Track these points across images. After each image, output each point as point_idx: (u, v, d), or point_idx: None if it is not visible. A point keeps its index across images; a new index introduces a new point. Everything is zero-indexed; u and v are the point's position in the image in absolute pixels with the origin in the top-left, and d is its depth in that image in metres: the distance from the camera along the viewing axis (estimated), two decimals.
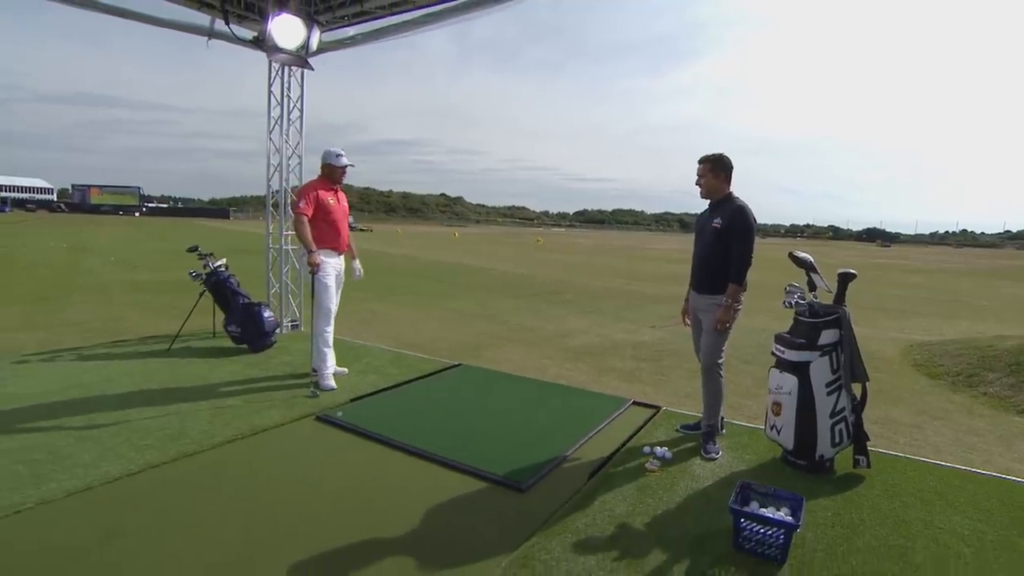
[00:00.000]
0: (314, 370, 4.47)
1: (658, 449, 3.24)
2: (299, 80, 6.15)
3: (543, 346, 7.44)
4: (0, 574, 2.08)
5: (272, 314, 5.53)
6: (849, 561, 2.28)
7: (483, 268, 19.54)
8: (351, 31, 5.51)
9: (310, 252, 4.16)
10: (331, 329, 4.42)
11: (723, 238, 3.22)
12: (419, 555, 2.27)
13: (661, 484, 2.93)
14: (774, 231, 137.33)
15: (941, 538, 2.49)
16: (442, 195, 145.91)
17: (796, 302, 3.12)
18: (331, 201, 4.38)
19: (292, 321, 6.45)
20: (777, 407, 3.07)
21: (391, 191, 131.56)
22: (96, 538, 2.30)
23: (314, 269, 4.16)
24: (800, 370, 2.97)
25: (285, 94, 6.01)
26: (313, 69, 5.46)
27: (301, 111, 6.20)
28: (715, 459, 3.22)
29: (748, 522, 2.29)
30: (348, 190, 5.21)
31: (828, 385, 2.96)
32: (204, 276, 5.51)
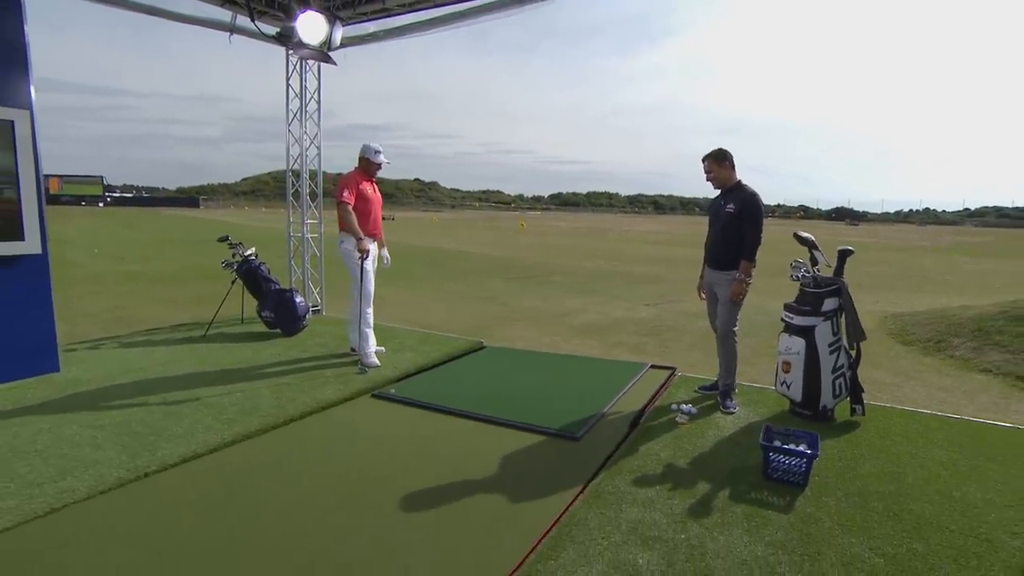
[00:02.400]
0: (352, 349, 4.80)
1: (684, 406, 3.73)
2: (316, 73, 6.38)
3: (548, 324, 7.89)
4: (153, 525, 2.43)
5: (303, 299, 5.83)
6: (855, 483, 2.81)
7: (469, 252, 19.86)
8: (371, 27, 5.75)
9: (359, 239, 4.47)
10: (371, 311, 4.76)
11: (736, 222, 3.69)
12: (505, 492, 2.70)
13: (692, 433, 3.42)
14: None
15: (925, 465, 3.04)
16: (416, 180, 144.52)
17: (802, 275, 3.62)
18: (369, 191, 4.70)
19: (314, 307, 6.74)
20: (787, 365, 3.58)
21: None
22: (222, 495, 2.66)
23: (364, 255, 4.47)
24: (807, 333, 3.47)
25: (292, 88, 6.23)
26: (336, 64, 5.70)
27: (319, 103, 6.44)
28: (733, 413, 3.73)
29: (776, 455, 2.78)
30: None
31: (830, 345, 3.48)
32: (236, 264, 5.76)
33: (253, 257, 5.82)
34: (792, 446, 2.86)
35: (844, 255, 3.62)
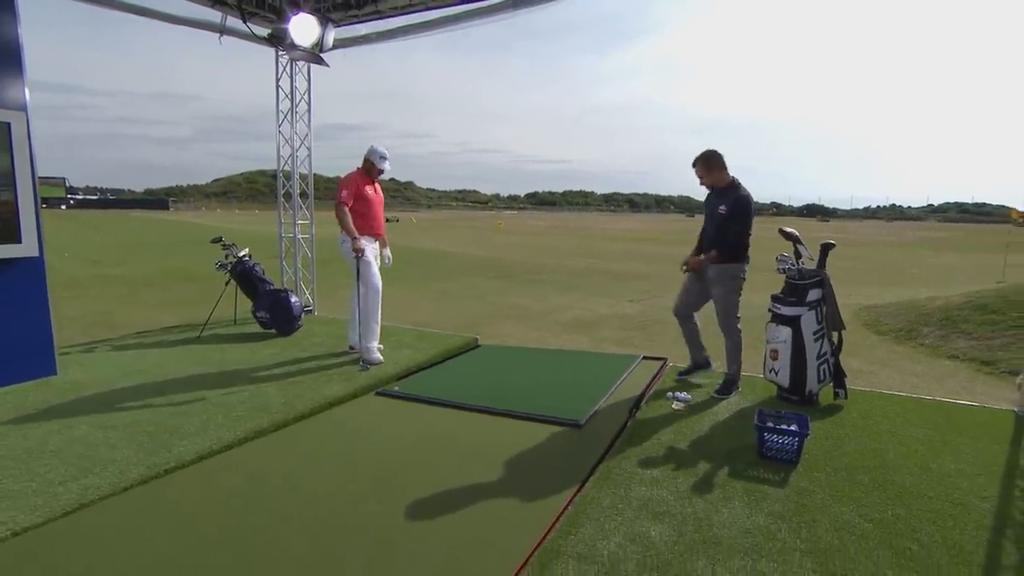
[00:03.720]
0: (352, 347, 4.88)
1: (680, 394, 3.92)
2: (306, 75, 6.41)
3: (536, 321, 8.06)
4: (176, 521, 2.50)
5: (298, 299, 5.87)
6: (843, 460, 3.03)
7: (450, 252, 19.93)
8: (363, 29, 5.82)
9: (354, 239, 4.55)
10: (379, 308, 4.80)
11: (727, 222, 3.89)
12: (520, 477, 2.84)
13: (689, 419, 3.61)
14: None
15: (904, 442, 3.28)
16: (392, 180, 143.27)
17: (788, 268, 3.84)
18: (370, 192, 4.78)
19: (306, 307, 6.77)
20: (775, 353, 3.79)
21: (339, 176, 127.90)
22: (241, 491, 2.73)
23: (358, 254, 4.56)
24: (793, 322, 3.70)
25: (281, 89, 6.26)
26: (328, 66, 5.75)
27: (309, 104, 6.48)
28: (726, 399, 3.93)
29: (770, 435, 2.98)
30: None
31: (815, 334, 3.71)
32: (230, 266, 5.77)
33: (247, 258, 5.84)
34: (784, 426, 3.06)
35: (826, 249, 3.85)
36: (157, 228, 32.06)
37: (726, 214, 3.87)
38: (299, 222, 6.68)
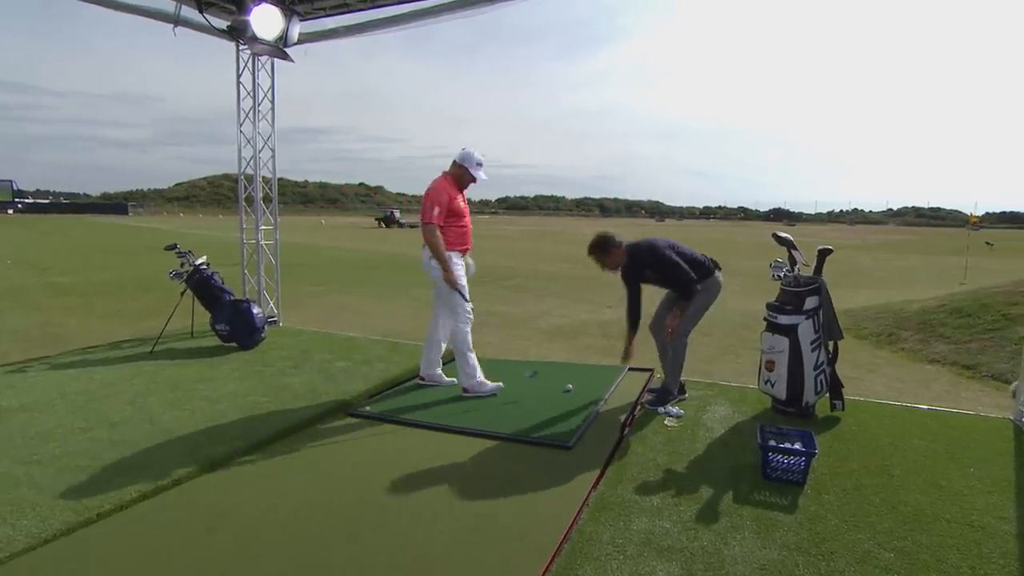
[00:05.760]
0: (423, 378, 4.36)
1: (671, 409, 3.70)
2: (269, 71, 6.03)
3: (516, 328, 7.79)
4: (117, 572, 2.15)
5: (261, 310, 5.48)
6: (850, 479, 2.85)
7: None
8: (330, 23, 5.48)
9: (447, 271, 3.88)
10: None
11: (658, 282, 3.82)
12: (507, 508, 2.56)
13: (684, 436, 3.39)
14: (689, 213, 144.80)
15: (908, 455, 3.13)
16: (361, 184, 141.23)
17: (784, 275, 3.67)
18: (459, 204, 4.02)
19: (270, 318, 6.36)
20: (771, 364, 3.62)
21: (307, 181, 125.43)
22: (195, 535, 2.38)
23: (459, 289, 3.95)
24: (791, 332, 3.52)
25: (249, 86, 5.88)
26: (293, 61, 5.39)
27: (272, 102, 6.09)
28: (656, 412, 3.72)
29: (775, 455, 2.78)
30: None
31: (812, 343, 3.54)
32: (186, 275, 5.33)
33: (205, 266, 5.41)
34: (788, 444, 2.87)
35: (824, 254, 3.71)
36: (116, 233, 30.66)
37: (649, 279, 3.76)
38: (262, 227, 6.27)
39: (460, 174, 4.03)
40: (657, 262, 3.69)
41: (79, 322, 7.51)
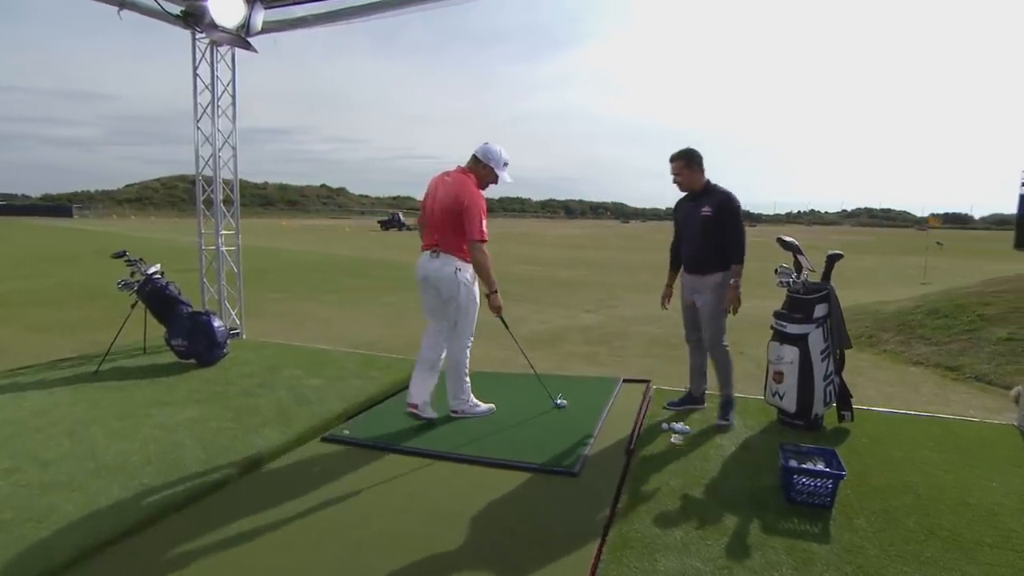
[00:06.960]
0: (454, 412, 3.77)
1: (675, 425, 3.47)
2: (229, 63, 5.57)
3: (493, 336, 7.38)
4: None
5: (222, 322, 5.01)
6: (877, 500, 2.66)
7: (392, 261, 19.02)
8: (299, 11, 5.06)
9: (494, 292, 3.45)
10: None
11: (715, 224, 3.50)
12: (517, 548, 2.27)
13: (694, 455, 3.16)
14: (652, 214, 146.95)
15: (926, 471, 2.98)
16: (323, 186, 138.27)
17: (792, 281, 3.50)
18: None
19: (232, 330, 5.87)
20: (779, 375, 3.43)
21: (266, 182, 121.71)
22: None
23: (497, 312, 3.56)
24: (800, 341, 3.35)
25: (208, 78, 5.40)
26: (257, 51, 4.96)
27: (233, 96, 5.63)
28: (730, 426, 3.52)
29: (799, 477, 2.57)
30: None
31: (822, 352, 3.38)
32: (137, 285, 4.81)
33: (158, 276, 4.90)
34: (810, 465, 2.67)
35: (833, 259, 3.56)
36: (57, 237, 28.83)
37: (711, 215, 3.47)
38: (222, 232, 5.78)
39: (484, 174, 3.52)
40: (735, 211, 3.49)
41: (10, 335, 6.81)
